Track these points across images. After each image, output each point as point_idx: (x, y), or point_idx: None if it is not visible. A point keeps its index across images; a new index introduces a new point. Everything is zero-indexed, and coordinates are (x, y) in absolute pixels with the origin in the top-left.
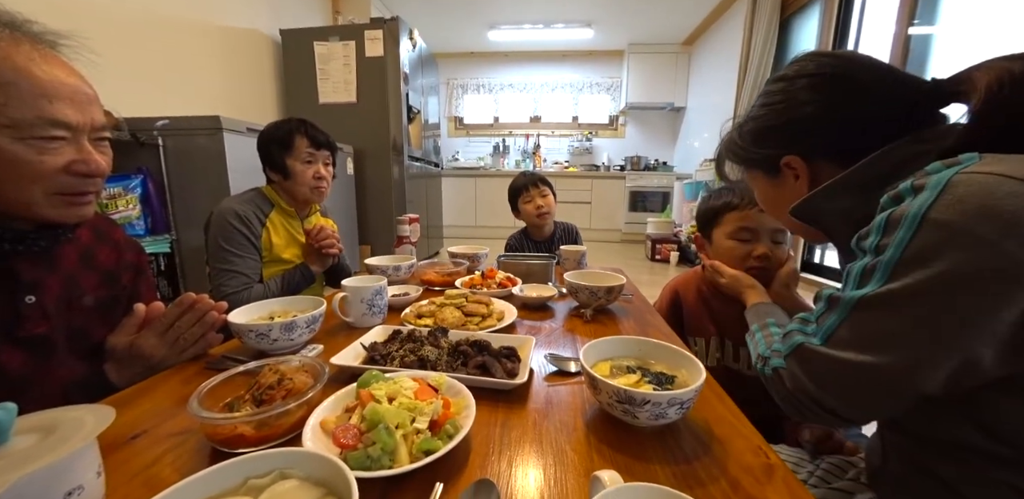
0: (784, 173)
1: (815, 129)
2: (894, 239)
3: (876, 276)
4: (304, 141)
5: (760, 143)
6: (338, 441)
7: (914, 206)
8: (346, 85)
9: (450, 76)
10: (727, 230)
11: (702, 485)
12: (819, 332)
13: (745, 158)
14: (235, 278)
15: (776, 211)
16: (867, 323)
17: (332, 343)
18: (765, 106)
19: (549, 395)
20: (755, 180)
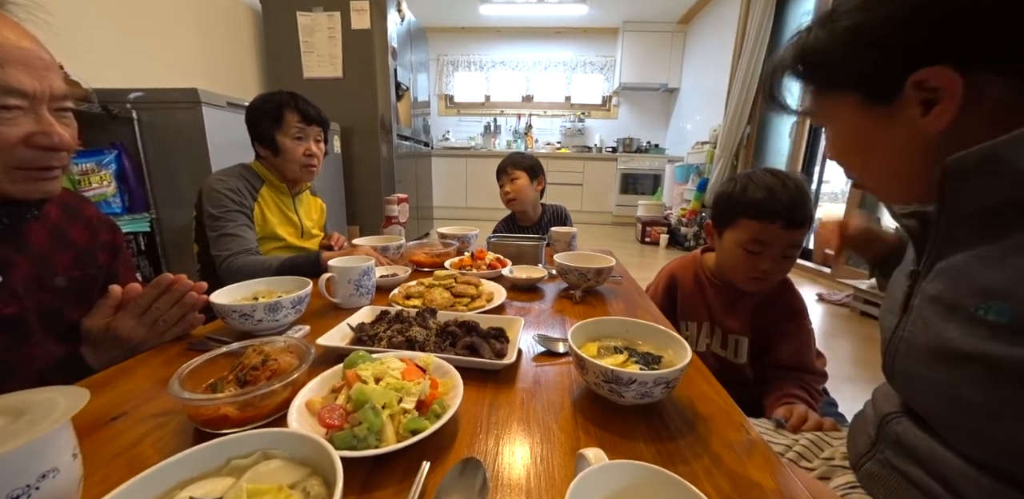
0: (907, 99)
1: (992, 16)
2: None
3: None
4: (294, 115)
5: (875, 46)
6: (324, 421)
7: None
8: (331, 59)
9: (440, 52)
10: (739, 237)
11: (686, 462)
12: None
13: (837, 71)
14: (235, 241)
15: (861, 153)
16: None
17: (319, 324)
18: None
19: (537, 375)
20: (841, 110)
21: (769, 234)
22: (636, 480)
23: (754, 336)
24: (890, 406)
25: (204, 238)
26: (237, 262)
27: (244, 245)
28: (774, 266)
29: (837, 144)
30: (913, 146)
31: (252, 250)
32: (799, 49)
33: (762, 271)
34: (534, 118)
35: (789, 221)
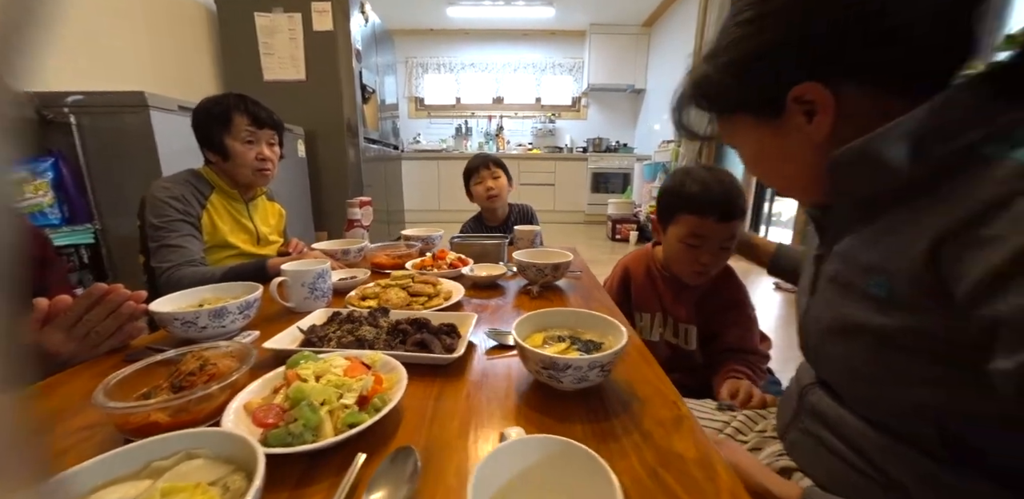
0: (791, 111)
1: (840, 36)
2: None
3: None
4: (244, 119)
5: (753, 73)
6: (259, 421)
7: None
8: (293, 61)
9: (408, 54)
10: (679, 232)
11: (616, 439)
12: None
13: (729, 99)
14: (176, 252)
15: (768, 164)
16: None
17: (271, 329)
18: (752, 22)
19: (487, 368)
20: (741, 129)
21: (706, 228)
22: (548, 453)
23: (701, 324)
24: (808, 379)
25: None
26: (177, 274)
27: (186, 256)
28: (713, 258)
29: (747, 159)
30: (807, 152)
31: (195, 261)
32: (694, 84)
33: (702, 264)
34: (505, 120)
35: (723, 214)
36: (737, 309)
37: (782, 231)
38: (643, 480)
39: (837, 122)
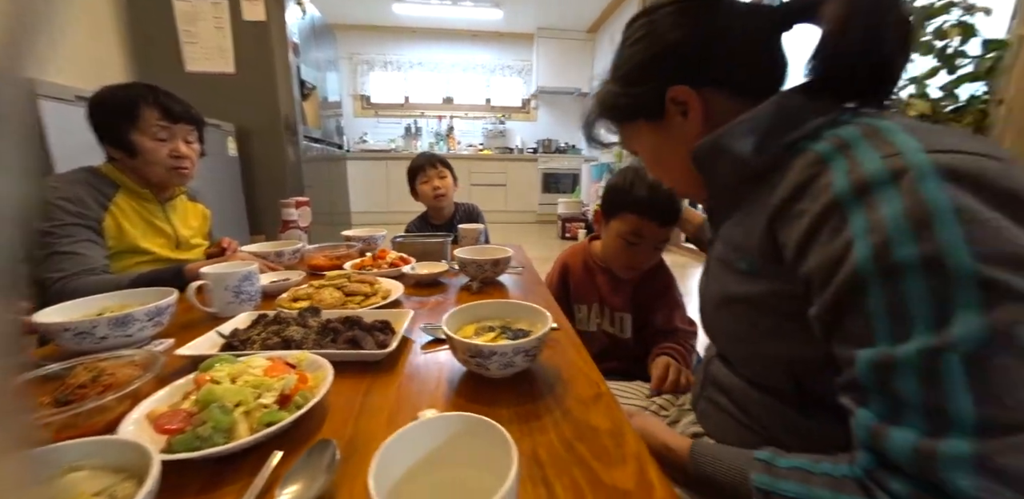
0: (670, 112)
1: (697, 52)
2: (946, 241)
3: (963, 295)
4: (153, 112)
5: (639, 80)
6: (160, 427)
7: (932, 199)
8: (221, 52)
9: (352, 51)
10: (620, 228)
11: (539, 417)
12: (961, 421)
13: (624, 107)
14: (70, 260)
15: (663, 164)
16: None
17: (189, 336)
18: (637, 42)
19: (420, 362)
20: (638, 134)
21: (647, 229)
22: (456, 430)
23: (636, 312)
24: (710, 353)
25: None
26: (72, 285)
27: (84, 264)
28: (646, 257)
29: (648, 161)
30: (687, 144)
31: (96, 270)
32: (599, 101)
33: (637, 261)
34: (456, 120)
35: (664, 220)
36: (667, 295)
37: None
38: (559, 453)
39: (706, 120)
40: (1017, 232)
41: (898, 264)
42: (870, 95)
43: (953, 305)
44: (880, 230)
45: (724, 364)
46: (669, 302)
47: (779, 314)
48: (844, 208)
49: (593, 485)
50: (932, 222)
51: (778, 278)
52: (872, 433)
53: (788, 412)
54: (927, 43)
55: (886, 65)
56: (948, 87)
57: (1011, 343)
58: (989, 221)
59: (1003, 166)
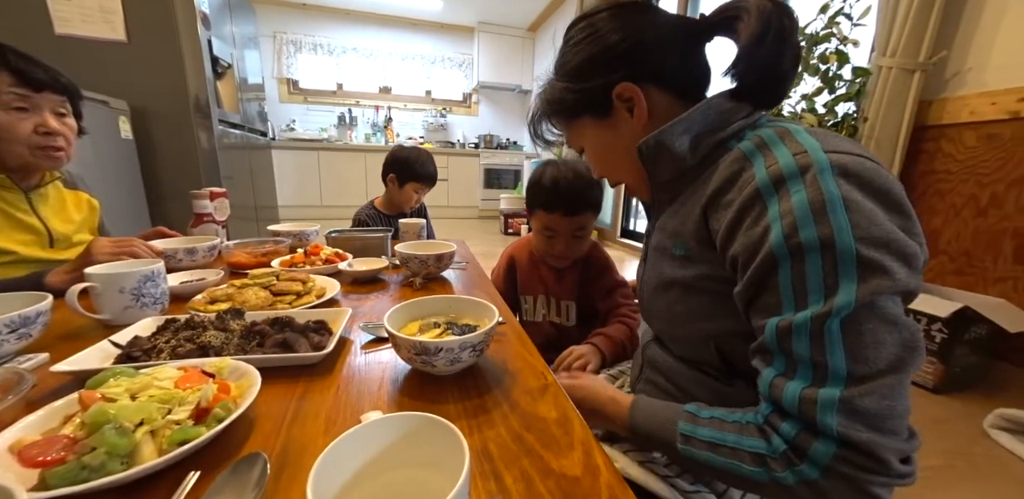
0: (616, 108)
1: (636, 49)
2: (836, 225)
3: (845, 270)
4: (4, 77)
5: (586, 77)
6: (30, 460)
7: (828, 190)
8: (105, 14)
9: (276, 29)
10: (536, 224)
11: (487, 412)
12: (834, 373)
13: (571, 103)
14: None
15: (610, 160)
16: (884, 325)
17: (71, 349)
18: (580, 42)
19: (361, 363)
20: (584, 131)
21: (555, 222)
22: (403, 431)
23: (580, 298)
24: (647, 337)
25: None
26: None
27: None
28: (566, 247)
29: (594, 157)
30: (634, 139)
31: None
32: (545, 100)
33: (560, 250)
34: (394, 111)
35: (569, 210)
36: (604, 276)
37: None
38: (508, 444)
39: (649, 117)
40: (885, 219)
41: (802, 244)
42: (770, 103)
43: (838, 278)
44: (789, 216)
45: (659, 346)
46: (608, 283)
47: (709, 294)
48: (764, 197)
49: (543, 473)
50: (827, 209)
51: (709, 262)
52: (771, 386)
53: (713, 383)
54: (814, 66)
55: (783, 79)
56: (829, 104)
57: (874, 310)
58: (866, 210)
59: (876, 166)
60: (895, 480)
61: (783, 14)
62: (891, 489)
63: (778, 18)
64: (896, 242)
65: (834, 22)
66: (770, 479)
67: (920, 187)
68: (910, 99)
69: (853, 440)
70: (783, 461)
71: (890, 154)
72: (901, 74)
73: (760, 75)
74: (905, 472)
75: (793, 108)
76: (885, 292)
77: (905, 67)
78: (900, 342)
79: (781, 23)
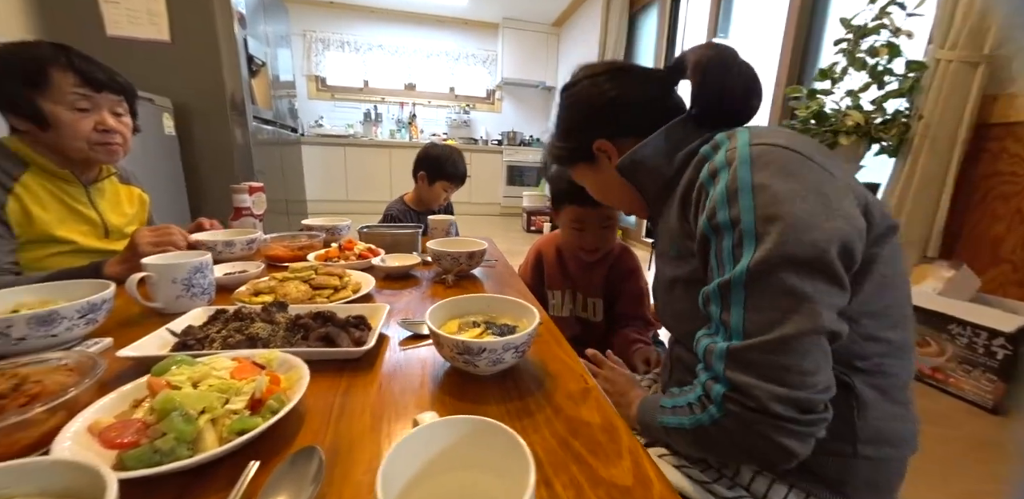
0: (599, 158)
1: (610, 113)
2: (742, 207)
3: (746, 244)
4: (69, 77)
5: (573, 137)
6: (109, 442)
7: (741, 177)
8: (151, 16)
9: (307, 27)
10: (566, 219)
11: (531, 415)
12: (734, 330)
13: (566, 155)
14: None
15: (606, 192)
16: (772, 290)
17: (131, 335)
18: (567, 108)
19: (400, 359)
20: (581, 173)
21: (584, 214)
22: (464, 432)
23: (606, 296)
24: (671, 340)
25: None
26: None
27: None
28: (596, 238)
29: (594, 193)
30: (617, 177)
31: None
32: (548, 152)
33: (590, 242)
34: (418, 107)
35: (595, 202)
36: (631, 279)
37: None
38: (555, 449)
39: None
40: (792, 199)
41: (718, 224)
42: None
43: (742, 251)
44: (712, 200)
45: (682, 347)
46: (634, 288)
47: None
48: (705, 188)
49: (592, 482)
50: (738, 194)
51: (695, 255)
52: (696, 342)
53: None
54: (861, 59)
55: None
56: (877, 101)
57: (765, 278)
58: (771, 192)
59: (798, 156)
60: (787, 425)
61: (714, 48)
62: (800, 439)
63: (711, 53)
64: (792, 216)
65: (885, 12)
66: (696, 423)
67: (981, 189)
68: (972, 94)
69: (735, 382)
70: (699, 405)
71: (947, 154)
72: (962, 68)
73: (715, 102)
74: (800, 419)
75: (837, 104)
76: (775, 261)
77: (967, 60)
78: (785, 307)
79: (717, 54)
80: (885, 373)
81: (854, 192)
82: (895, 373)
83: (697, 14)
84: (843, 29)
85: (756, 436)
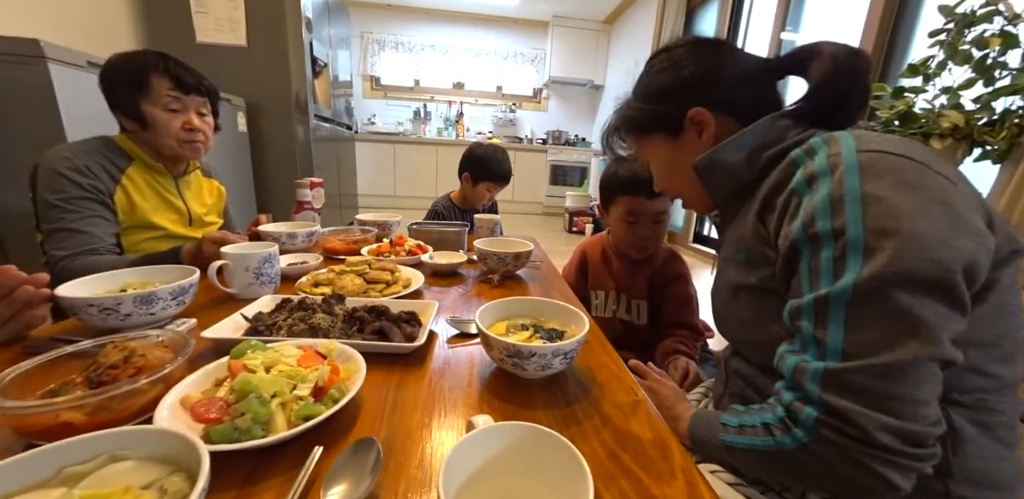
0: (687, 130)
1: (718, 80)
2: (849, 217)
3: (851, 257)
4: (164, 81)
5: (665, 100)
6: (199, 416)
7: (848, 186)
8: (232, 24)
9: (364, 29)
10: (619, 212)
11: (578, 423)
12: (831, 349)
13: (647, 120)
14: (73, 238)
15: (674, 176)
16: (882, 310)
17: (209, 317)
18: (661, 71)
19: (448, 357)
20: (654, 145)
21: (639, 205)
22: (517, 439)
23: (651, 299)
24: (728, 350)
25: None
26: (74, 265)
27: (87, 243)
28: (649, 231)
29: (659, 172)
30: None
31: (99, 249)
32: (622, 116)
33: (642, 237)
34: (465, 106)
35: (651, 192)
36: (678, 284)
37: None
38: (603, 461)
39: (715, 141)
40: (911, 212)
41: (817, 234)
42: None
43: (846, 264)
44: (810, 208)
45: (740, 358)
46: (680, 293)
47: (775, 296)
48: (799, 195)
49: None
50: (844, 203)
51: (768, 263)
52: (780, 358)
53: None
54: (965, 52)
55: (845, 110)
56: (984, 99)
57: (876, 296)
58: (886, 204)
59: (914, 165)
60: (894, 457)
61: (857, 53)
62: (904, 473)
63: (853, 55)
64: (914, 231)
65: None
66: (776, 445)
67: None
68: None
69: (833, 406)
70: (782, 426)
71: None
72: None
73: (833, 103)
74: (909, 453)
75: (930, 103)
76: (888, 279)
77: None
78: (897, 330)
79: (853, 62)
80: (989, 408)
81: (981, 205)
82: (1001, 409)
83: (762, 8)
84: (941, 18)
85: (854, 465)
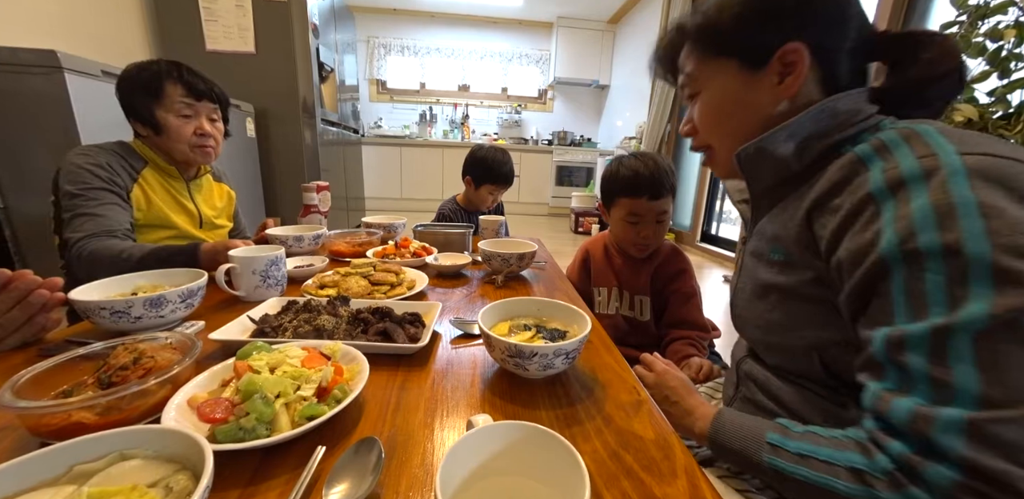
0: (769, 70)
1: (841, 21)
2: (967, 231)
3: (976, 281)
4: (177, 89)
5: (758, 24)
6: (205, 416)
7: (958, 194)
8: (241, 31)
9: (370, 33)
10: (620, 212)
11: (580, 423)
12: (963, 394)
13: (731, 37)
14: (91, 221)
15: (720, 118)
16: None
17: (217, 319)
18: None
19: (452, 357)
20: (716, 72)
21: (640, 207)
22: (517, 438)
23: (654, 295)
24: (741, 352)
25: None
26: (90, 246)
27: (104, 226)
28: (651, 232)
29: (706, 105)
30: (764, 108)
31: (116, 232)
32: (698, 25)
33: (643, 237)
34: (471, 108)
35: (652, 194)
36: (680, 279)
37: (732, 228)
38: (605, 461)
39: (797, 92)
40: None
41: (920, 250)
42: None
43: (968, 289)
44: (906, 220)
45: (756, 362)
46: (684, 288)
47: (813, 302)
48: (878, 202)
49: None
50: (956, 214)
51: (813, 268)
52: (878, 399)
53: (822, 403)
54: (979, 44)
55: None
56: (999, 92)
57: (1017, 329)
58: (1010, 217)
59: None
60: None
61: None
62: None
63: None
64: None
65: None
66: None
67: None
68: None
69: (987, 469)
70: (888, 481)
71: None
72: None
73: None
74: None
75: None
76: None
77: None
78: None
79: (963, 62)
80: None
81: None
82: None
83: None
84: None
85: None
